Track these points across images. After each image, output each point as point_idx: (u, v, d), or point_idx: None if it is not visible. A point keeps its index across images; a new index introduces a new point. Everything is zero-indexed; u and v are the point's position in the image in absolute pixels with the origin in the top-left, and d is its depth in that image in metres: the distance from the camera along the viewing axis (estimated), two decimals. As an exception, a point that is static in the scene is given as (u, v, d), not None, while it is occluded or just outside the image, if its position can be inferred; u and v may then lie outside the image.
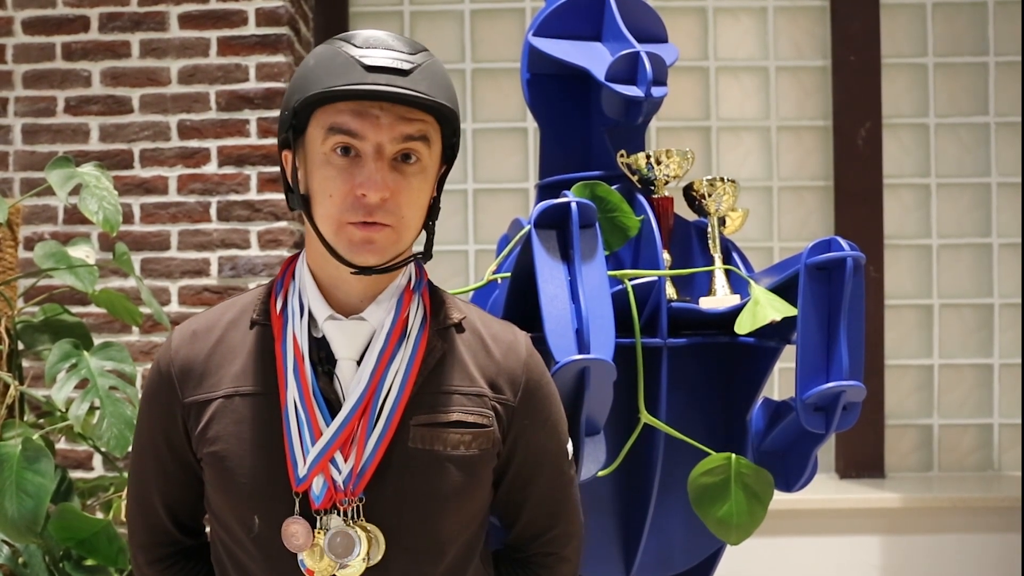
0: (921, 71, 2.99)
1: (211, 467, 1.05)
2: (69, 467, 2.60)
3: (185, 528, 1.15)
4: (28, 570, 1.72)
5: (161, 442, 1.10)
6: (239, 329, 1.09)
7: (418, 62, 1.01)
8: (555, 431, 1.14)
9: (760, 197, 2.99)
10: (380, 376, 1.03)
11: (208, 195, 2.70)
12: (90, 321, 2.65)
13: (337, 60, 1.00)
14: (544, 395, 1.13)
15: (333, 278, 1.06)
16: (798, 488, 1.52)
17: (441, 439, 1.04)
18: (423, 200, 1.05)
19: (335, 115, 1.00)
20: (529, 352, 1.13)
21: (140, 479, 1.13)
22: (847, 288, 1.35)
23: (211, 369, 1.07)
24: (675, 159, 1.58)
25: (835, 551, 2.72)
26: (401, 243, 1.03)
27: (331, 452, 1.01)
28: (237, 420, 1.04)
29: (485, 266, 2.86)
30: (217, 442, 1.04)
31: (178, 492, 1.12)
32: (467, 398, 1.07)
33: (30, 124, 2.72)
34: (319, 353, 1.05)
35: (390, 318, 1.06)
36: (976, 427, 2.99)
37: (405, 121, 1.00)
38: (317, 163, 1.02)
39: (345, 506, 1.02)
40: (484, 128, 3.02)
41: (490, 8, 3.02)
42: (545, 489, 1.14)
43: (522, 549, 1.17)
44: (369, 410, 1.02)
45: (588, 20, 1.66)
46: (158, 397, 1.09)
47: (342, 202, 1.00)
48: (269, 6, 2.69)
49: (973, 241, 2.98)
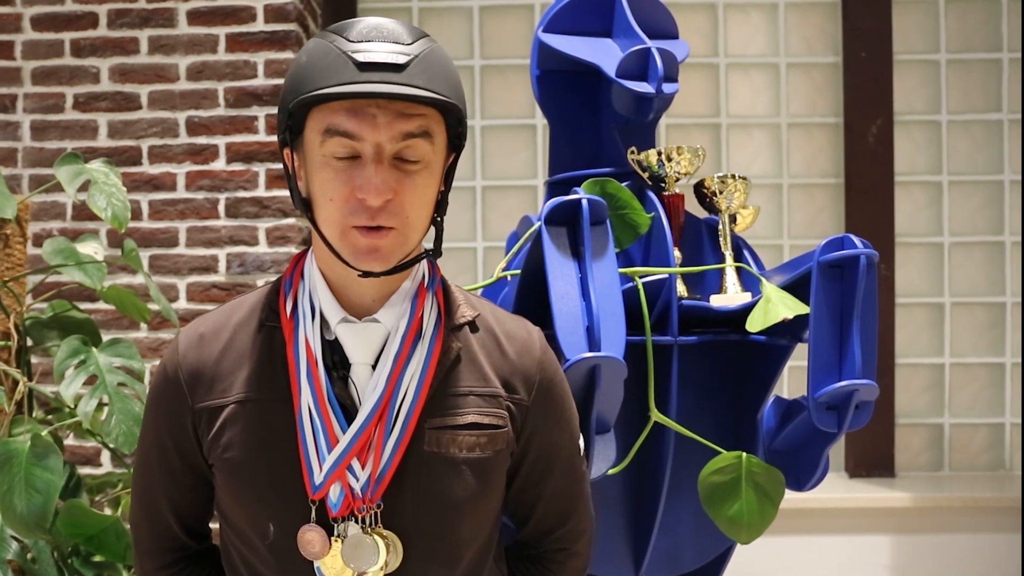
0: (933, 67, 2.97)
1: (224, 474, 1.04)
2: (78, 463, 2.60)
3: (193, 533, 1.13)
4: (37, 566, 1.72)
5: (170, 447, 1.07)
6: (248, 331, 1.06)
7: (415, 52, 0.96)
8: (568, 427, 1.13)
9: (770, 194, 2.98)
10: (396, 380, 1.01)
11: (216, 192, 2.70)
12: (98, 317, 2.65)
13: (329, 57, 0.96)
14: (557, 393, 1.12)
15: (343, 278, 1.03)
16: (809, 487, 1.52)
17: (456, 442, 1.03)
18: (429, 197, 1.01)
19: (331, 116, 0.96)
20: (543, 350, 1.11)
21: (146, 484, 1.11)
22: (860, 286, 1.34)
23: (222, 374, 1.04)
24: (686, 156, 1.57)
25: (845, 551, 2.71)
26: (408, 244, 1.00)
27: (348, 459, 0.99)
28: (250, 426, 1.02)
29: (494, 263, 2.85)
30: (230, 449, 1.02)
31: (187, 497, 1.10)
32: (482, 399, 1.05)
33: (39, 120, 2.72)
34: (332, 357, 1.02)
35: (405, 319, 1.03)
36: (988, 426, 2.97)
37: (404, 118, 0.96)
38: (316, 165, 0.98)
39: (363, 513, 1.00)
40: (493, 125, 3.02)
41: (499, 4, 3.01)
42: (557, 486, 1.13)
43: (534, 546, 1.16)
44: (386, 416, 1.00)
45: (598, 16, 1.65)
46: (166, 402, 1.07)
47: (343, 206, 0.97)
48: (278, 2, 2.68)
49: (985, 239, 2.96)
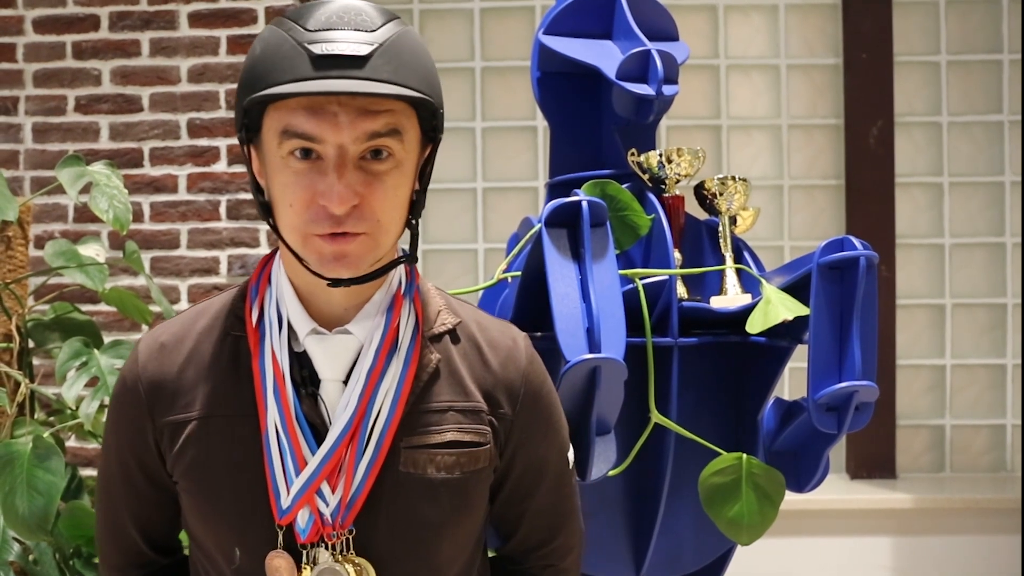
0: (934, 69, 2.97)
1: (188, 494, 0.97)
2: (79, 465, 2.59)
3: (160, 548, 1.06)
4: (39, 568, 1.73)
5: (131, 463, 1.00)
6: (212, 340, 0.98)
7: (379, 40, 0.86)
8: (556, 440, 1.07)
9: (771, 196, 2.98)
10: (369, 398, 0.93)
11: (218, 193, 2.70)
12: (100, 319, 2.65)
13: (283, 49, 0.86)
14: (544, 404, 1.04)
15: (311, 286, 0.94)
16: (810, 489, 1.52)
17: (434, 462, 0.95)
18: (401, 199, 0.91)
19: (287, 116, 0.86)
20: (529, 359, 1.03)
21: (109, 501, 1.04)
22: (860, 287, 1.34)
23: (184, 387, 0.96)
24: (686, 158, 1.57)
25: (846, 552, 2.71)
26: (379, 249, 0.91)
27: (317, 483, 0.92)
28: (215, 445, 0.95)
29: (495, 265, 2.85)
30: (194, 468, 0.95)
31: (152, 514, 1.03)
32: (462, 414, 0.97)
33: (40, 123, 2.73)
34: (301, 372, 0.94)
35: (379, 331, 0.94)
36: (989, 428, 2.97)
37: (369, 116, 0.86)
38: (275, 167, 0.89)
39: (333, 540, 0.92)
40: (494, 127, 3.02)
41: (500, 6, 3.02)
42: (544, 501, 1.06)
43: (519, 561, 1.10)
44: (358, 436, 0.93)
45: (599, 18, 1.65)
46: (126, 415, 0.99)
47: (304, 212, 0.88)
48: (279, 4, 2.69)
49: (986, 240, 2.96)
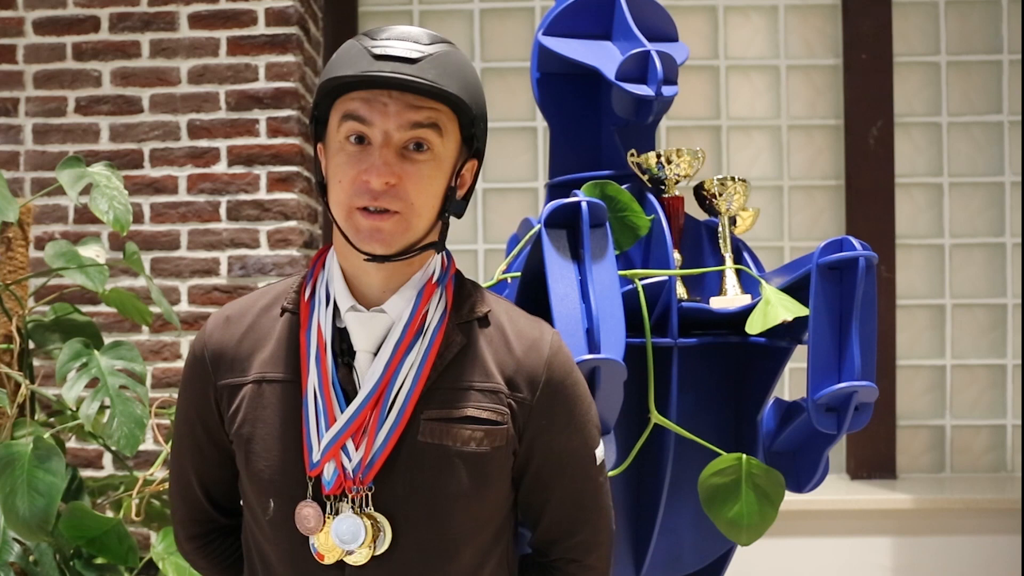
0: (934, 69, 2.98)
1: (239, 449, 1.09)
2: (79, 466, 2.60)
3: (220, 507, 1.19)
4: (39, 568, 1.73)
5: (197, 423, 1.14)
6: (271, 316, 1.12)
7: (430, 52, 1.03)
8: (580, 433, 1.11)
9: (771, 196, 2.98)
10: (395, 369, 1.05)
11: (218, 195, 2.70)
12: (100, 320, 2.65)
13: (351, 52, 1.04)
14: (568, 395, 1.10)
15: (355, 268, 1.08)
16: (809, 489, 1.52)
17: (451, 434, 1.04)
18: (435, 188, 1.05)
19: (348, 103, 1.03)
20: (554, 351, 1.10)
21: (178, 458, 1.18)
22: (859, 288, 1.34)
23: (242, 354, 1.11)
24: (685, 158, 1.57)
25: (846, 552, 2.71)
26: (412, 231, 1.04)
27: (343, 439, 1.03)
28: (263, 405, 1.08)
29: (495, 265, 2.86)
30: (244, 425, 1.08)
31: (213, 472, 1.16)
32: (482, 394, 1.06)
33: (41, 124, 2.73)
34: (341, 344, 1.07)
35: (408, 310, 1.06)
36: (989, 428, 2.97)
37: (413, 109, 1.02)
38: (333, 150, 1.05)
39: (355, 494, 1.04)
40: (494, 127, 2.99)
41: (500, 7, 3.02)
42: (568, 492, 1.11)
43: (545, 553, 1.15)
44: (382, 401, 1.04)
45: (598, 19, 1.65)
46: (194, 380, 1.14)
47: (350, 187, 1.03)
48: (279, 6, 2.69)
49: (986, 241, 2.96)
